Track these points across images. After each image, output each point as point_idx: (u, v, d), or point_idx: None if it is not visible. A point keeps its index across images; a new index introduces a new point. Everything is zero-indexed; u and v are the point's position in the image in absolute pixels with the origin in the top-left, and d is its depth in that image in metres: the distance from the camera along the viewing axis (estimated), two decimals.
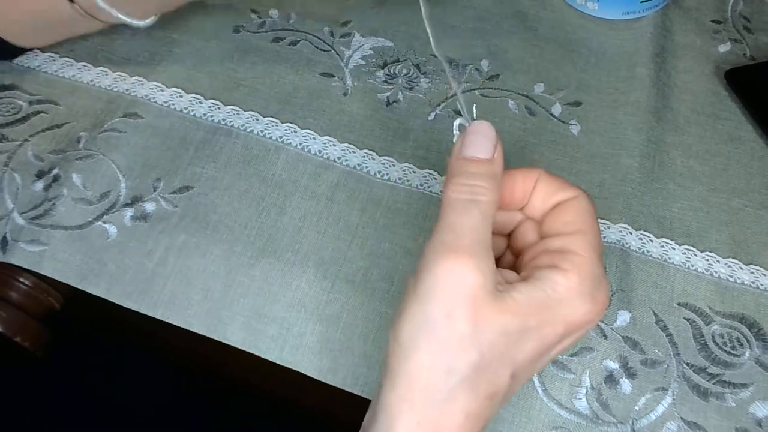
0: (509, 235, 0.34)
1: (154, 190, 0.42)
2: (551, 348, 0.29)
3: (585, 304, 0.29)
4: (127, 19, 0.41)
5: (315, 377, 0.37)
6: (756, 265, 0.41)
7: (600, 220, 0.42)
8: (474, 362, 0.27)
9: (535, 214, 0.32)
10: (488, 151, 0.31)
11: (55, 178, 0.42)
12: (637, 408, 0.36)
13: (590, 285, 0.29)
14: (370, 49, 0.49)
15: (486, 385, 0.28)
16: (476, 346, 0.27)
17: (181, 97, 0.46)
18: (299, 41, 0.50)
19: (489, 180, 0.30)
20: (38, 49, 0.48)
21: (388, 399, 0.28)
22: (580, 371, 0.37)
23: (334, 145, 0.45)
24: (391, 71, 0.48)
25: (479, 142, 0.31)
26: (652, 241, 0.41)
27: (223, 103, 0.46)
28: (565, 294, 0.28)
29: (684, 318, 0.39)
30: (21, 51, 0.44)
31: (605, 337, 0.38)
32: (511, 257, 0.34)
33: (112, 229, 0.41)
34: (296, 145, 0.44)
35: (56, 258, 0.40)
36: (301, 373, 0.38)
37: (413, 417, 0.27)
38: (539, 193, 0.32)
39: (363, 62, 0.49)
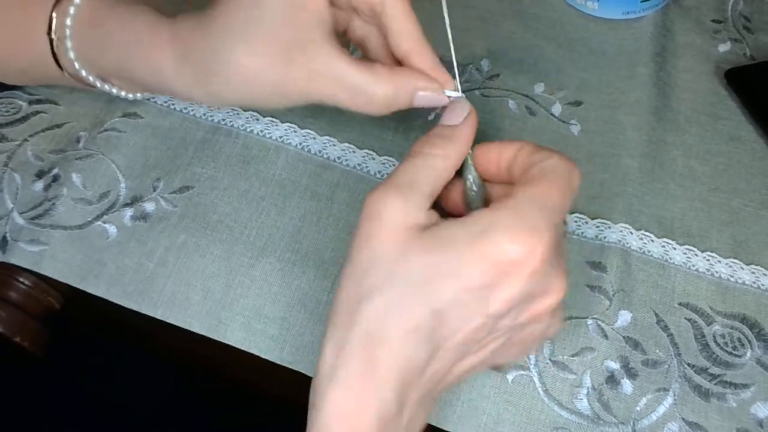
0: None
1: (154, 190, 0.42)
2: (480, 291, 0.28)
3: (514, 240, 0.27)
4: (114, 91, 0.42)
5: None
6: (757, 265, 0.41)
7: (600, 220, 0.42)
8: (380, 284, 0.28)
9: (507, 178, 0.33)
10: (456, 119, 0.33)
11: (55, 178, 0.42)
12: (638, 408, 0.36)
13: (517, 222, 0.28)
14: None
15: (400, 310, 0.28)
16: (385, 268, 0.28)
17: None
18: None
19: (444, 140, 0.32)
20: None
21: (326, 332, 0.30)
22: (581, 371, 0.37)
23: (334, 145, 0.45)
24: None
25: (450, 114, 0.33)
26: (653, 241, 0.41)
27: (222, 103, 0.46)
28: (486, 227, 0.28)
29: (685, 318, 0.39)
30: (7, 86, 0.45)
31: (606, 337, 0.38)
32: None
33: (112, 229, 0.41)
34: (296, 145, 0.44)
35: (56, 258, 0.40)
36: (301, 373, 0.38)
37: (334, 339, 0.29)
38: (520, 159, 0.32)
39: None
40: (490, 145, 0.33)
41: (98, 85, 0.41)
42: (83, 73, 0.40)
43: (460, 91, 0.35)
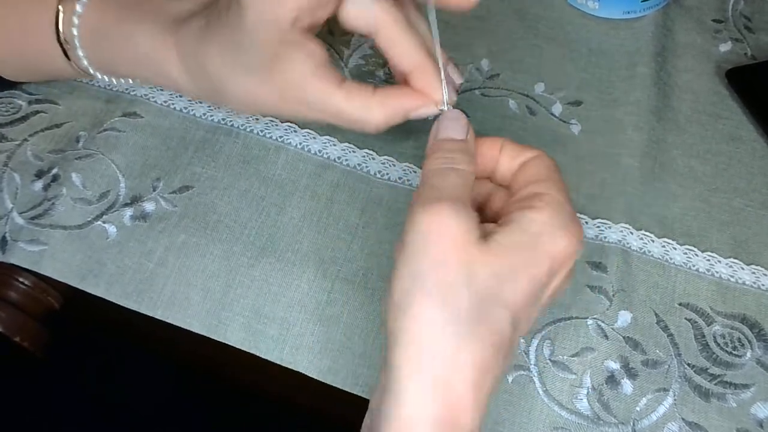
0: (481, 210, 0.35)
1: (154, 190, 0.42)
2: (543, 288, 0.30)
3: (563, 236, 0.29)
4: (130, 81, 0.43)
5: (315, 377, 0.37)
6: (757, 265, 0.41)
7: (601, 220, 0.42)
8: (471, 308, 0.27)
9: (504, 178, 0.34)
10: (461, 133, 0.33)
11: (55, 178, 0.42)
12: (638, 408, 0.36)
13: (564, 218, 0.30)
14: (369, 48, 0.49)
15: (488, 331, 0.28)
16: (470, 292, 0.28)
17: (180, 96, 0.46)
18: None
19: (464, 154, 0.32)
20: None
21: (394, 363, 0.28)
22: (581, 372, 0.37)
23: (334, 145, 0.44)
24: (391, 71, 0.48)
25: (452, 126, 0.33)
26: (653, 241, 0.41)
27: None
28: (542, 228, 0.29)
29: (685, 318, 0.39)
30: (12, 83, 0.45)
31: (606, 337, 0.38)
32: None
33: (112, 229, 0.41)
34: (296, 145, 0.44)
35: (56, 258, 0.40)
36: (301, 373, 0.38)
37: (423, 378, 0.27)
38: (505, 157, 0.33)
39: (363, 62, 0.49)
40: (494, 141, 0.34)
41: (114, 81, 0.42)
42: (98, 75, 0.41)
43: (447, 105, 0.35)
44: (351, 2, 0.35)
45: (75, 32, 0.39)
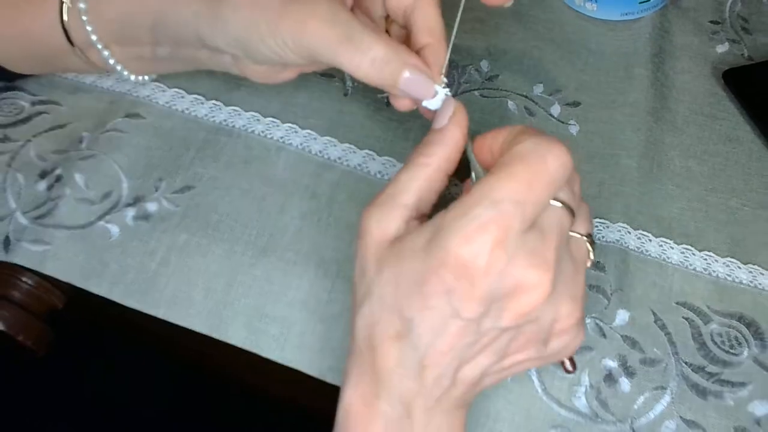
0: None
1: (156, 190, 0.43)
2: (446, 295, 0.28)
3: (458, 244, 0.27)
4: (126, 73, 0.42)
5: (316, 376, 0.38)
6: (754, 264, 0.41)
7: (599, 220, 0.42)
8: (362, 296, 0.31)
9: None
10: (442, 122, 0.33)
11: (58, 178, 0.42)
12: (636, 407, 0.37)
13: (463, 224, 0.27)
14: None
15: (382, 321, 0.30)
16: (366, 283, 0.31)
17: (182, 97, 0.46)
18: None
19: (429, 145, 0.32)
20: None
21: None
22: (580, 370, 0.37)
23: (335, 145, 0.45)
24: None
25: (441, 117, 0.33)
26: (650, 240, 0.42)
27: (224, 104, 0.46)
28: (435, 232, 0.28)
29: (682, 317, 0.39)
30: (19, 75, 0.45)
31: (604, 336, 0.38)
32: None
33: (114, 229, 0.41)
34: (297, 145, 0.45)
35: (59, 257, 0.40)
36: (302, 372, 0.38)
37: (349, 347, 0.32)
38: (503, 145, 0.32)
39: None
40: (485, 135, 0.33)
41: (105, 54, 0.40)
42: (93, 38, 0.39)
43: (447, 90, 0.34)
44: None
45: None
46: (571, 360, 0.35)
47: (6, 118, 0.45)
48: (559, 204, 0.30)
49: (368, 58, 0.32)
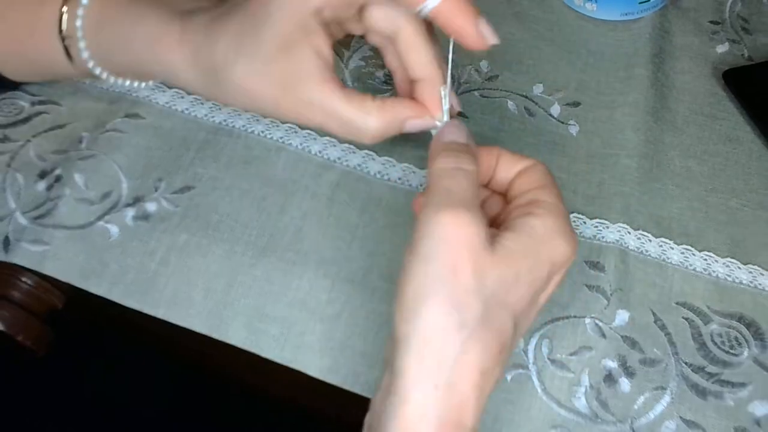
0: None
1: (156, 190, 0.43)
2: (541, 290, 0.31)
3: (563, 242, 0.31)
4: (127, 84, 0.42)
5: (316, 376, 0.38)
6: (754, 264, 0.41)
7: (598, 220, 0.42)
8: (480, 314, 0.28)
9: (501, 186, 0.35)
10: (464, 138, 0.34)
11: (57, 178, 0.42)
12: (636, 407, 0.37)
13: (562, 224, 0.31)
14: (369, 49, 0.49)
15: (494, 336, 0.29)
16: (480, 297, 0.28)
17: (182, 97, 0.46)
18: None
19: (469, 155, 0.33)
20: None
21: (402, 365, 0.28)
22: (579, 370, 0.37)
23: (335, 146, 0.45)
24: (393, 77, 0.49)
25: (455, 132, 0.34)
26: (650, 240, 0.42)
27: (226, 106, 0.46)
28: (544, 235, 0.31)
29: (682, 317, 0.39)
30: (15, 84, 0.45)
31: (604, 336, 0.38)
32: None
33: (114, 229, 0.41)
34: (297, 146, 0.45)
35: (58, 257, 0.40)
36: (302, 372, 0.38)
37: (430, 381, 0.28)
38: (502, 166, 0.34)
39: (363, 63, 0.49)
40: (503, 153, 0.35)
41: (112, 80, 0.41)
42: (97, 71, 0.40)
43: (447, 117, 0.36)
44: (377, 3, 0.35)
45: (78, 23, 0.38)
46: None
47: (6, 119, 0.45)
48: None
49: (368, 136, 0.35)
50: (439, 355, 0.28)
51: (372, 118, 0.35)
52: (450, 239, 0.28)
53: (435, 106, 0.36)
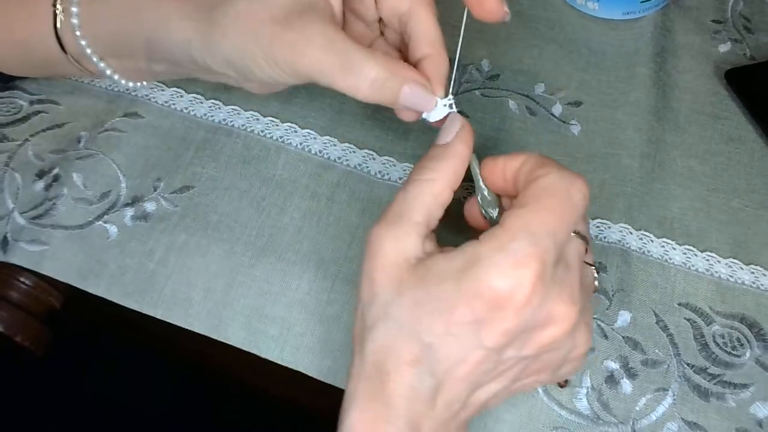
0: None
1: (155, 190, 0.42)
2: (474, 324, 0.28)
3: (495, 277, 0.27)
4: (116, 76, 0.41)
5: (316, 377, 0.38)
6: (756, 265, 0.41)
7: (600, 220, 0.42)
8: (376, 322, 0.29)
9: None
10: (448, 137, 0.33)
11: (56, 178, 0.42)
12: (637, 408, 0.36)
13: (502, 258, 0.28)
14: None
15: (400, 346, 0.29)
16: (381, 306, 0.29)
17: (181, 96, 0.46)
18: None
19: (434, 161, 0.32)
20: None
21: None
22: (581, 371, 0.37)
23: (335, 145, 0.45)
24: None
25: (446, 130, 0.33)
26: (652, 241, 0.41)
27: (223, 103, 0.46)
28: (471, 263, 0.28)
29: (684, 318, 0.39)
30: (12, 78, 0.44)
31: (606, 337, 0.38)
32: None
33: (113, 229, 0.41)
34: (297, 145, 0.44)
35: (57, 258, 0.40)
36: (301, 372, 0.38)
37: (353, 368, 0.30)
38: (522, 174, 0.32)
39: None
40: (497, 158, 0.33)
41: (101, 66, 0.39)
42: (88, 51, 0.39)
43: (454, 106, 0.35)
44: None
45: (74, 9, 0.37)
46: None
47: (4, 118, 0.45)
48: (574, 235, 0.31)
49: (367, 81, 0.32)
50: (357, 340, 0.31)
51: (374, 62, 0.32)
52: (370, 250, 0.30)
53: (437, 84, 0.35)
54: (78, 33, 0.38)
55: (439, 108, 0.34)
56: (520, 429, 0.36)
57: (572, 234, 0.31)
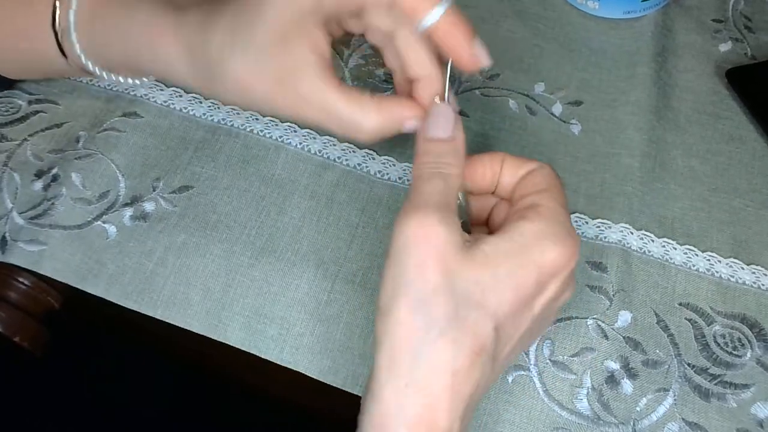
0: (487, 223, 0.36)
1: (154, 190, 0.42)
2: (531, 299, 0.30)
3: (554, 247, 0.30)
4: (121, 80, 0.42)
5: (315, 377, 0.37)
6: (757, 265, 0.41)
7: (601, 220, 0.42)
8: (450, 313, 0.28)
9: (507, 192, 0.34)
10: (447, 131, 0.33)
11: (54, 178, 0.42)
12: (638, 409, 0.36)
13: (556, 229, 0.30)
14: (369, 48, 0.49)
15: (468, 337, 0.28)
16: (450, 296, 0.28)
17: (180, 96, 0.46)
18: None
19: (451, 156, 0.33)
20: None
21: (376, 364, 0.29)
22: (581, 372, 0.37)
23: (334, 145, 0.44)
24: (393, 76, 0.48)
25: (440, 123, 0.34)
26: (653, 241, 0.41)
27: (222, 103, 0.46)
28: (531, 238, 0.30)
29: (685, 318, 0.39)
30: (11, 82, 0.45)
31: (606, 337, 0.38)
32: None
33: (112, 229, 0.41)
34: (296, 145, 0.44)
35: (55, 258, 0.40)
36: (301, 373, 0.38)
37: (401, 380, 0.28)
38: (507, 171, 0.34)
39: (363, 61, 0.49)
40: (476, 160, 0.34)
41: (105, 76, 0.41)
42: (90, 66, 0.40)
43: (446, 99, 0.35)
44: (377, 2, 0.34)
45: (71, 17, 0.38)
46: None
47: (3, 118, 0.45)
48: None
49: (365, 134, 0.34)
50: (407, 354, 0.28)
51: (369, 116, 0.34)
52: (417, 241, 0.29)
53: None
54: (81, 54, 0.39)
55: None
56: (520, 429, 0.36)
57: None
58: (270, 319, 0.39)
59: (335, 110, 0.34)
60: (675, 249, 0.41)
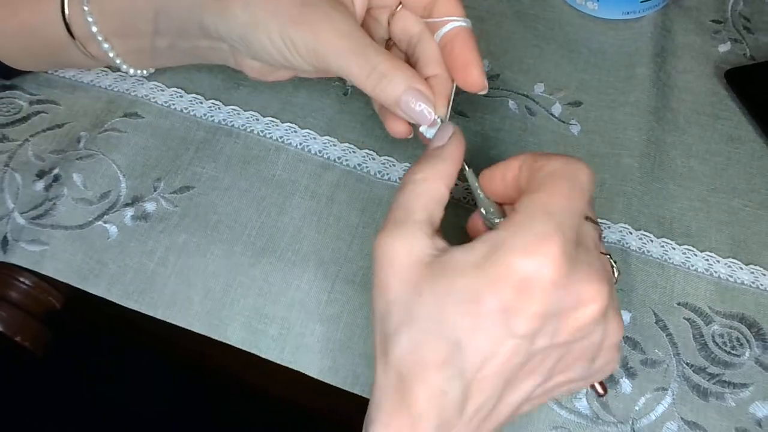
0: None
1: (155, 190, 0.42)
2: (502, 313, 0.27)
3: (519, 257, 0.26)
4: (124, 67, 0.42)
5: (315, 377, 0.38)
6: (756, 265, 0.41)
7: (600, 220, 0.42)
8: (401, 321, 0.28)
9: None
10: (443, 140, 0.33)
11: (56, 178, 0.42)
12: (637, 408, 0.36)
13: (523, 237, 0.27)
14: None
15: (427, 349, 0.28)
16: (405, 306, 0.28)
17: (181, 97, 0.46)
18: None
19: (430, 160, 0.32)
20: None
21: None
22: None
23: (335, 145, 0.45)
24: None
25: (439, 137, 0.33)
26: (652, 241, 0.41)
27: (223, 103, 0.46)
28: (492, 248, 0.27)
29: (684, 318, 0.39)
30: (17, 71, 0.45)
31: None
32: None
33: (113, 229, 0.41)
34: (296, 145, 0.44)
35: (57, 258, 0.40)
36: (301, 372, 0.38)
37: (376, 382, 0.29)
38: (524, 171, 0.31)
39: None
40: (494, 167, 0.33)
41: (105, 47, 0.40)
42: (94, 29, 0.39)
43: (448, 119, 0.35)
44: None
45: None
46: (602, 383, 0.34)
47: (4, 118, 0.45)
48: (586, 220, 0.31)
49: (376, 72, 0.33)
50: (378, 352, 0.29)
51: (385, 55, 0.33)
52: (379, 258, 0.29)
53: (441, 101, 0.35)
54: (86, 8, 0.39)
55: (437, 126, 0.34)
56: (520, 428, 0.36)
57: (584, 219, 0.30)
58: (270, 319, 0.39)
59: (359, 36, 0.33)
60: (674, 249, 0.41)
